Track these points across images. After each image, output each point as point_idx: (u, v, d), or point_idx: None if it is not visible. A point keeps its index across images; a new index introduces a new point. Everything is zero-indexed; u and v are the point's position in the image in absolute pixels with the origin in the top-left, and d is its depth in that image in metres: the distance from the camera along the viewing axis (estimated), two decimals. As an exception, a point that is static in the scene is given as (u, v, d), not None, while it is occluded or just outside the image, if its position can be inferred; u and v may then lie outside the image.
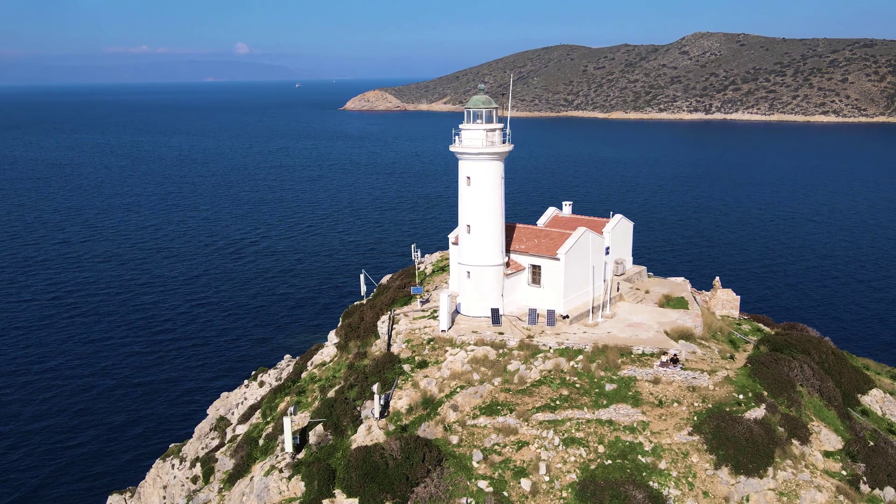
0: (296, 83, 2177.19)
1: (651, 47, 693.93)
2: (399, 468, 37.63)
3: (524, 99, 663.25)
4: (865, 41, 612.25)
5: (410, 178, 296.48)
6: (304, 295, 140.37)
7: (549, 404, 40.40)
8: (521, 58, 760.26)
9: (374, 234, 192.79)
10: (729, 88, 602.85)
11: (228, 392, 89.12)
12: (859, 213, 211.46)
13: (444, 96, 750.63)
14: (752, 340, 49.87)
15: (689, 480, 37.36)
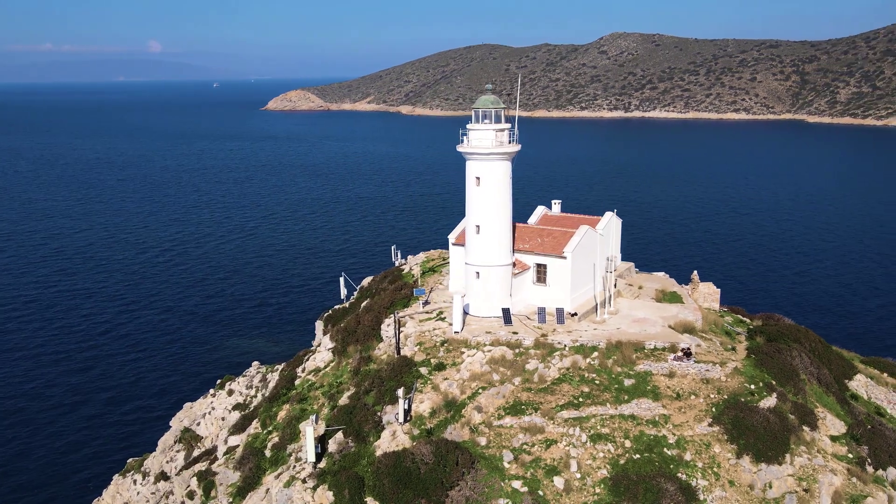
0: (214, 83, 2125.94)
1: (571, 47, 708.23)
2: (432, 472, 37.32)
3: (448, 98, 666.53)
4: (771, 42, 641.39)
5: (341, 180, 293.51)
6: (261, 300, 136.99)
7: (573, 402, 40.83)
8: (444, 57, 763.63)
9: (330, 237, 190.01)
10: (646, 87, 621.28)
11: (191, 402, 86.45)
12: (790, 205, 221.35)
13: (368, 96, 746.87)
14: (744, 332, 51.62)
15: (715, 470, 38.40)
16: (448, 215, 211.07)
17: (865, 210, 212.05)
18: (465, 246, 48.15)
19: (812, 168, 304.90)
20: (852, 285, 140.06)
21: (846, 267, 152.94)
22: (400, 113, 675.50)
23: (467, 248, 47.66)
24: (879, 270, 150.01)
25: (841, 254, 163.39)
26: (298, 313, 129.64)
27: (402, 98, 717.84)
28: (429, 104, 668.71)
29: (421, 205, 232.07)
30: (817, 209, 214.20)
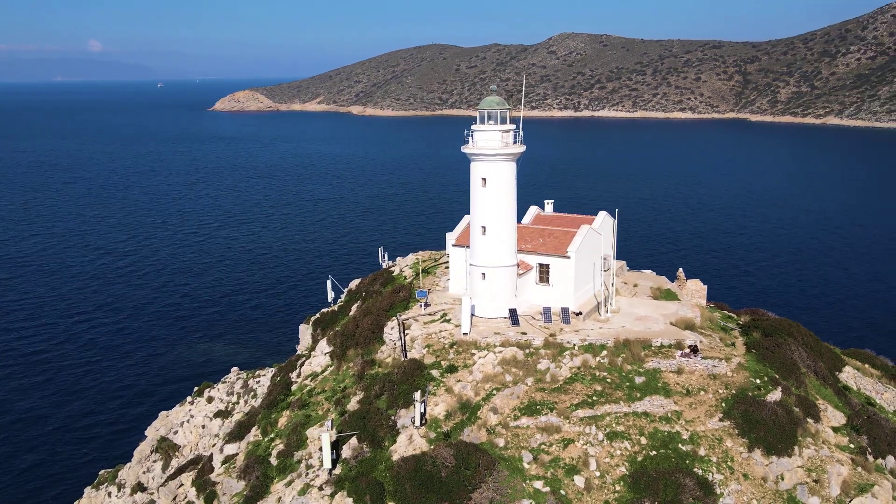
0: (158, 83, 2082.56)
1: (520, 47, 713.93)
2: (454, 475, 37.18)
3: (399, 98, 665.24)
4: (714, 43, 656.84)
5: (299, 181, 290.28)
6: (229, 304, 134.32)
7: (587, 400, 41.13)
8: (395, 57, 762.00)
9: (296, 239, 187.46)
10: (595, 87, 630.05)
11: (167, 411, 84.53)
12: (744, 201, 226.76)
13: (318, 96, 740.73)
14: (737, 327, 52.73)
15: (729, 464, 39.12)
16: (429, 216, 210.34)
17: (815, 206, 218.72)
18: (470, 247, 48.09)
19: (761, 166, 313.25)
20: (810, 279, 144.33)
21: (804, 262, 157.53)
22: (351, 113, 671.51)
23: (472, 249, 47.61)
24: (832, 263, 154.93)
25: (796, 249, 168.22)
26: (270, 316, 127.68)
27: (352, 98, 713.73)
28: (380, 104, 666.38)
29: (397, 206, 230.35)
30: (769, 206, 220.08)
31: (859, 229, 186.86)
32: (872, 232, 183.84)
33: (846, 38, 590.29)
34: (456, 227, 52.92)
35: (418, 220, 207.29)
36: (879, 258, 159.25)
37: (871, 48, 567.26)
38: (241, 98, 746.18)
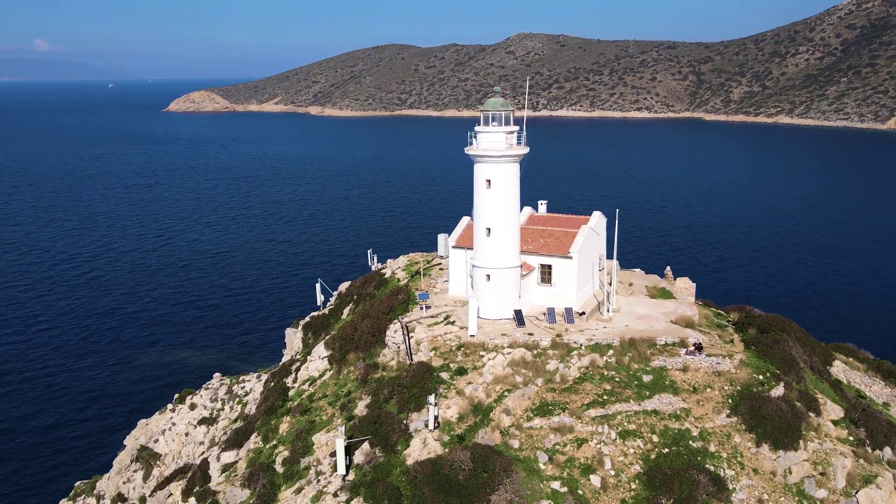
0: (109, 83, 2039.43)
1: (479, 47, 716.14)
2: (472, 478, 37.10)
3: (358, 98, 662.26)
4: (669, 43, 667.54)
5: (262, 182, 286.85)
6: (201, 310, 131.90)
7: (597, 400, 41.41)
8: (353, 57, 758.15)
9: (266, 243, 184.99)
10: (553, 87, 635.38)
11: (146, 419, 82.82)
12: (708, 198, 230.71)
13: (276, 96, 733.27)
14: (731, 325, 53.62)
15: (739, 460, 39.75)
16: (414, 218, 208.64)
17: (774, 203, 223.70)
18: (474, 248, 48.02)
19: (720, 165, 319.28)
20: (778, 276, 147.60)
21: (769, 258, 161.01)
22: (309, 114, 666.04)
23: (476, 250, 47.54)
24: (797, 259, 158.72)
25: (762, 246, 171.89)
26: (245, 320, 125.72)
27: (310, 99, 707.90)
28: (338, 104, 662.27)
29: (376, 208, 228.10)
30: (731, 204, 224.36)
31: (818, 225, 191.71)
32: (830, 227, 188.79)
33: (795, 39, 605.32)
34: (455, 228, 52.83)
35: (402, 221, 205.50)
36: (839, 252, 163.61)
37: (819, 49, 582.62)
38: (196, 99, 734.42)
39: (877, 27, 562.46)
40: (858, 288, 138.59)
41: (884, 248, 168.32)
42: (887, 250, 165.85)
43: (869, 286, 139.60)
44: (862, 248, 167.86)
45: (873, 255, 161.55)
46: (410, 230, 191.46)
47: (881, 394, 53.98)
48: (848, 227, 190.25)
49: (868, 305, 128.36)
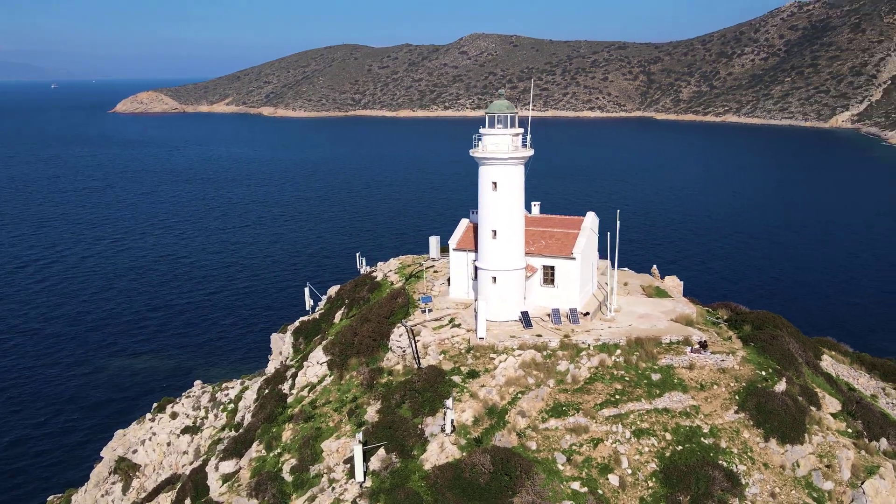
0: (51, 84, 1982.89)
1: (432, 47, 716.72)
2: (494, 481, 37.12)
3: (311, 99, 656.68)
4: (619, 44, 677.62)
5: (215, 185, 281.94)
6: (175, 317, 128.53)
7: (610, 399, 41.81)
8: (305, 57, 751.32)
9: (233, 248, 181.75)
10: (507, 86, 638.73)
11: (123, 429, 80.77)
12: (666, 196, 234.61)
13: (227, 97, 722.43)
14: (723, 322, 54.69)
15: (749, 455, 40.56)
16: (395, 220, 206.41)
17: (731, 200, 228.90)
18: (479, 251, 48.02)
19: (677, 163, 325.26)
20: (742, 271, 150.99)
21: (731, 254, 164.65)
22: (262, 114, 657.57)
23: (482, 253, 47.55)
24: (762, 255, 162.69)
25: (723, 242, 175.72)
26: (217, 327, 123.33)
27: (262, 99, 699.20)
28: (291, 105, 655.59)
29: (353, 210, 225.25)
30: (691, 201, 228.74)
31: (776, 221, 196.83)
32: (784, 221, 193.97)
33: (741, 40, 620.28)
34: (454, 231, 52.74)
35: (383, 224, 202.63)
36: (795, 245, 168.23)
37: (764, 50, 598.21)
38: (144, 99, 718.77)
39: (817, 28, 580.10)
40: (820, 281, 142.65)
41: (837, 240, 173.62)
42: (839, 242, 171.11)
43: (829, 279, 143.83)
44: (818, 242, 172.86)
45: (828, 248, 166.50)
46: (391, 233, 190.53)
47: (868, 386, 55.70)
48: (803, 222, 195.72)
49: (831, 299, 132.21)
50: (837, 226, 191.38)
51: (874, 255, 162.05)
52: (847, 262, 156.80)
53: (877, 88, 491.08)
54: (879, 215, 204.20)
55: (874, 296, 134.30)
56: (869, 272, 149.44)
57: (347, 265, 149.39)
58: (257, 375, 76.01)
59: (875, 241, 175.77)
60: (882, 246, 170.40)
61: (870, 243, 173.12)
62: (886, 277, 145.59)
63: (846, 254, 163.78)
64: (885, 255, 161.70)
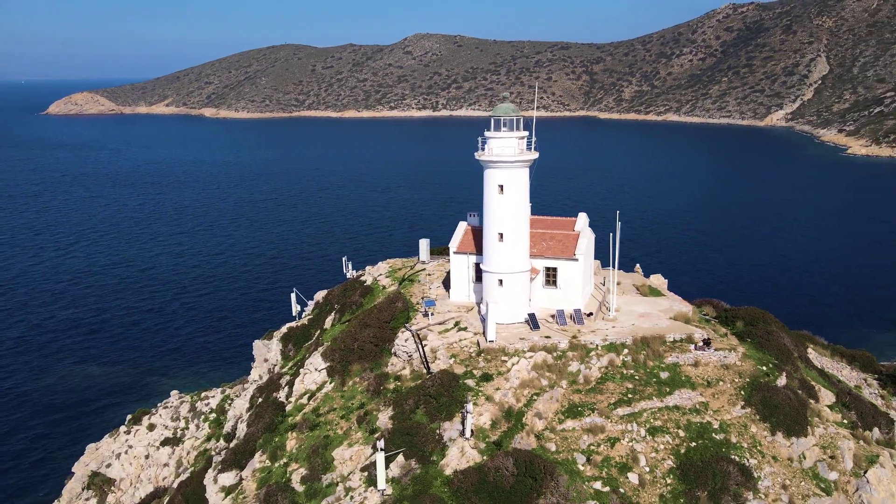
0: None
1: (376, 47, 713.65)
2: (519, 484, 37.24)
3: (254, 100, 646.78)
4: (562, 44, 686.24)
5: (161, 189, 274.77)
6: (135, 326, 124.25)
7: (623, 399, 42.36)
8: (247, 57, 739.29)
9: (184, 254, 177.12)
10: (452, 86, 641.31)
11: (96, 443, 78.35)
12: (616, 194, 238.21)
13: (166, 98, 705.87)
14: (713, 319, 55.95)
15: (759, 449, 41.59)
16: (369, 224, 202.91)
17: (680, 197, 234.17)
18: (484, 254, 48.05)
19: (626, 161, 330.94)
20: (702, 267, 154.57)
21: (687, 250, 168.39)
22: (203, 116, 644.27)
23: (487, 256, 47.59)
24: (716, 250, 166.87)
25: (678, 237, 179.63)
26: (182, 335, 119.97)
27: (203, 100, 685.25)
28: (234, 106, 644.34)
29: (323, 214, 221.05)
30: (643, 197, 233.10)
31: (720, 215, 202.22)
32: (730, 217, 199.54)
33: (679, 40, 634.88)
34: (453, 234, 52.64)
35: (360, 228, 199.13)
36: (746, 240, 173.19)
37: (701, 50, 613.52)
38: (78, 101, 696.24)
39: (752, 30, 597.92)
40: (777, 275, 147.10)
41: (785, 236, 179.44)
42: (787, 238, 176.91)
43: (784, 274, 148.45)
44: (766, 238, 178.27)
45: (778, 243, 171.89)
46: (368, 235, 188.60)
47: (851, 377, 57.72)
48: (751, 219, 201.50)
49: (789, 293, 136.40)
50: (785, 221, 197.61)
51: (821, 249, 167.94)
52: (798, 256, 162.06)
53: (808, 88, 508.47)
54: (822, 211, 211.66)
55: (824, 287, 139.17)
56: (817, 265, 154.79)
57: (325, 270, 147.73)
58: (238, 383, 74.60)
59: (822, 235, 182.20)
60: (828, 240, 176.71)
61: (816, 238, 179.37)
62: (833, 269, 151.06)
63: (796, 249, 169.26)
64: (830, 249, 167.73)
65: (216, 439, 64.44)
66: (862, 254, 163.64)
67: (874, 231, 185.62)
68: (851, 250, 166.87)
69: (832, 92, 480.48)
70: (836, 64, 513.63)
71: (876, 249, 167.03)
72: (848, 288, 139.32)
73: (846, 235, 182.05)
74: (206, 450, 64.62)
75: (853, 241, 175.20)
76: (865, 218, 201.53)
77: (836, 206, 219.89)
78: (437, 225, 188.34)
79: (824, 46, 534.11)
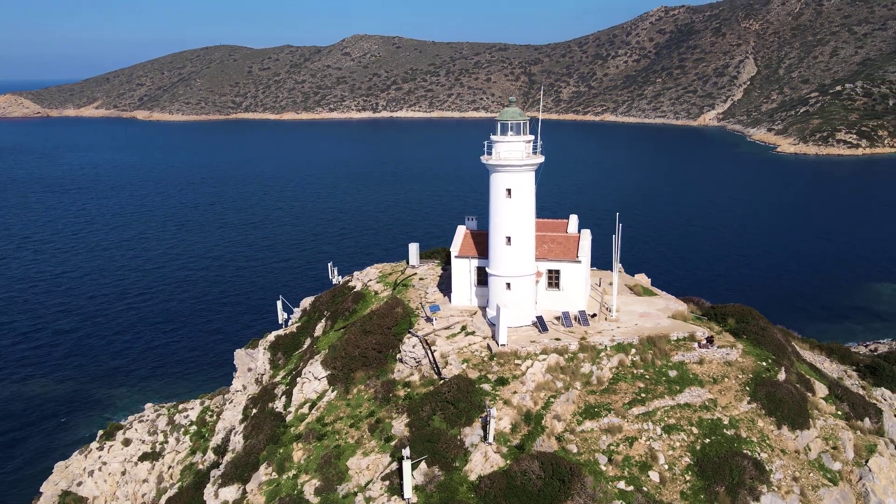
0: None
1: (314, 48, 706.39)
2: (548, 486, 37.42)
3: (189, 102, 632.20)
4: (500, 45, 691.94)
5: (96, 195, 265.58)
6: (107, 335, 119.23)
7: (637, 398, 42.97)
8: (180, 58, 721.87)
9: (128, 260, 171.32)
10: (391, 88, 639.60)
11: (64, 461, 75.51)
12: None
13: (95, 100, 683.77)
14: (704, 316, 57.23)
15: (768, 443, 42.76)
16: (344, 230, 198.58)
17: (628, 195, 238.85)
18: (491, 258, 48.02)
19: (572, 160, 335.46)
20: (661, 263, 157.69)
21: (637, 247, 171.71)
22: (136, 118, 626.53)
23: (494, 260, 47.60)
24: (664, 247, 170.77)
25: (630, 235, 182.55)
26: (137, 345, 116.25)
27: (136, 103, 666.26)
28: (168, 109, 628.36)
29: (285, 220, 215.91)
30: (589, 195, 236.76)
31: (667, 212, 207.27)
32: (673, 213, 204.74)
33: (614, 42, 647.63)
34: (454, 238, 52.47)
35: (325, 234, 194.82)
36: (698, 235, 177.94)
37: (636, 52, 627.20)
38: (1, 103, 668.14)
39: (683, 32, 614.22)
40: (731, 271, 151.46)
41: (732, 230, 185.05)
42: (734, 232, 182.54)
43: (739, 268, 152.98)
44: (716, 232, 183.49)
45: (729, 238, 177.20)
46: (342, 241, 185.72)
47: (832, 369, 59.83)
48: (694, 214, 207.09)
49: (744, 287, 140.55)
50: (730, 218, 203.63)
51: (766, 245, 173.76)
52: (749, 252, 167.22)
53: (738, 88, 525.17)
54: (761, 208, 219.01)
55: (778, 281, 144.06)
56: (766, 259, 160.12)
57: (307, 276, 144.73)
58: (218, 394, 72.86)
59: (764, 231, 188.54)
60: (770, 236, 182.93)
61: (759, 234, 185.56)
62: (781, 263, 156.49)
63: (746, 245, 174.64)
64: (775, 244, 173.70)
65: (202, 452, 62.79)
66: (804, 247, 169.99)
67: (811, 225, 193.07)
68: (797, 244, 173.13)
69: (760, 92, 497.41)
70: (763, 65, 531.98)
71: (816, 243, 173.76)
72: (799, 282, 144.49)
73: (787, 231, 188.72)
74: (192, 464, 62.88)
75: (795, 236, 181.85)
76: (803, 213, 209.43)
77: (776, 202, 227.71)
78: (419, 228, 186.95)
79: (752, 48, 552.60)
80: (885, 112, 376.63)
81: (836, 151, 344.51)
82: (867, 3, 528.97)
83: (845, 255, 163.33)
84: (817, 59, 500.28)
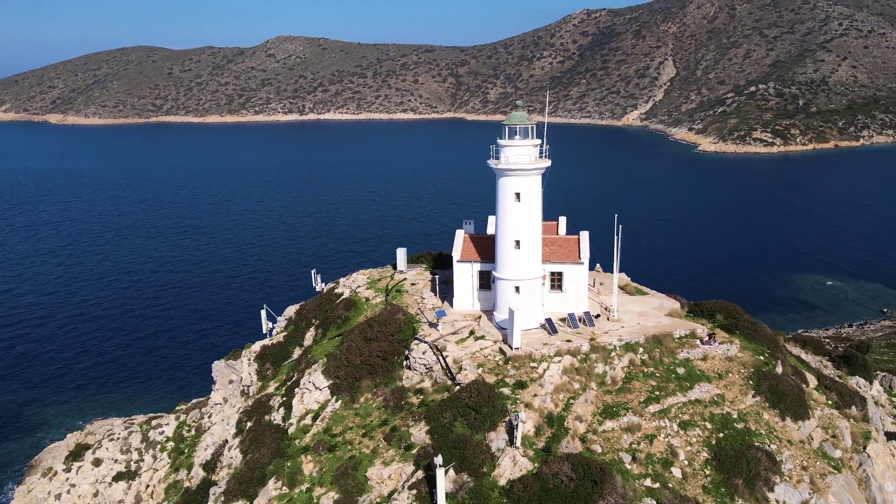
0: None
1: (237, 50, 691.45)
2: (580, 487, 37.69)
3: (106, 105, 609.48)
4: (427, 47, 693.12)
5: (13, 205, 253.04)
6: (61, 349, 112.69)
7: (651, 396, 43.76)
8: (95, 59, 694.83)
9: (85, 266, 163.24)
10: (318, 90, 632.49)
11: (21, 485, 71.78)
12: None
13: (3, 103, 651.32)
14: (689, 313, 58.71)
15: (775, 434, 44.23)
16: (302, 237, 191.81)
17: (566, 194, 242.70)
18: (499, 261, 48.01)
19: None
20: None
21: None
22: (48, 122, 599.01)
23: (503, 263, 47.60)
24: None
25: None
26: (88, 358, 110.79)
27: (48, 106, 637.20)
28: (83, 112, 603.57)
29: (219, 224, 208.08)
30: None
31: (604, 209, 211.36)
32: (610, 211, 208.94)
33: (539, 44, 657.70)
34: (454, 243, 52.18)
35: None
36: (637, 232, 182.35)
37: (560, 54, 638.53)
38: None
39: (605, 34, 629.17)
40: (675, 267, 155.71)
41: (668, 226, 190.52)
42: (669, 227, 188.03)
43: (690, 263, 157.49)
44: (658, 229, 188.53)
45: (669, 234, 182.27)
46: (312, 247, 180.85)
47: (810, 360, 62.22)
48: (629, 213, 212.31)
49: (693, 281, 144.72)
50: (667, 214, 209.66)
51: (702, 239, 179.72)
52: (689, 247, 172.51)
53: (658, 89, 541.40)
54: (694, 204, 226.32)
55: (725, 275, 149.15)
56: (701, 253, 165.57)
57: (287, 284, 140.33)
58: (194, 407, 70.42)
59: (696, 226, 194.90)
60: (703, 231, 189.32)
61: (691, 229, 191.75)
62: (722, 258, 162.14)
63: (684, 240, 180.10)
64: (711, 238, 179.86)
65: (186, 469, 60.57)
66: (740, 241, 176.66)
67: (743, 220, 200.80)
68: (733, 238, 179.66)
69: (680, 93, 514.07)
70: (681, 67, 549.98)
71: (752, 237, 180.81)
72: (744, 274, 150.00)
73: (723, 226, 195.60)
74: (176, 482, 60.57)
75: (732, 231, 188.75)
76: (733, 209, 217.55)
77: (704, 199, 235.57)
78: (397, 232, 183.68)
79: (671, 51, 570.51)
80: (795, 112, 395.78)
81: (753, 150, 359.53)
82: (776, 8, 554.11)
83: (783, 248, 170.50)
84: (732, 60, 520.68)
